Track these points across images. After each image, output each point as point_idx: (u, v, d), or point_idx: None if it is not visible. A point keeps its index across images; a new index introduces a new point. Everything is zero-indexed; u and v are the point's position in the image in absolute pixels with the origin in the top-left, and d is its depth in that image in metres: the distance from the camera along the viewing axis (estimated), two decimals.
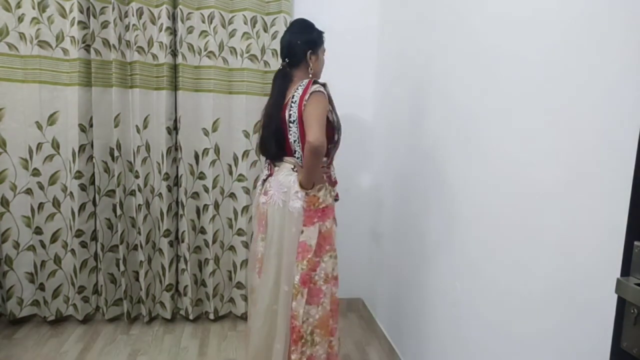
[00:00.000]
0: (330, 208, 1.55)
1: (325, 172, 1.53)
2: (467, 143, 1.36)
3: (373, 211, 2.40)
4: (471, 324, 1.33)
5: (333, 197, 1.57)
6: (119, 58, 2.10)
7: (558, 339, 0.94)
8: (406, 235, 1.91)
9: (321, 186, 1.51)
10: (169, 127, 2.18)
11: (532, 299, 1.03)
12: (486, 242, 1.24)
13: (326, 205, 1.52)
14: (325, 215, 1.52)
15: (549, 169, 0.97)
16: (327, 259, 1.52)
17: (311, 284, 1.50)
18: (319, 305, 1.50)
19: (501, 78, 1.17)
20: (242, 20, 2.19)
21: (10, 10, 2.01)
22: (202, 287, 2.36)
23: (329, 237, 1.53)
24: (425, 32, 1.74)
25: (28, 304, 2.22)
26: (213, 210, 2.28)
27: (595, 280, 0.83)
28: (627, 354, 0.57)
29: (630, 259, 0.58)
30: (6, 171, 2.10)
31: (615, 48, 0.80)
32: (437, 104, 1.60)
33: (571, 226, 0.90)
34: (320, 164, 1.47)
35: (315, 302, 1.50)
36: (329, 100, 1.49)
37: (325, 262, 1.52)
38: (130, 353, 2.03)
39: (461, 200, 1.40)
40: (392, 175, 2.15)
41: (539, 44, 1.02)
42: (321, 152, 1.40)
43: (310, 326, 1.50)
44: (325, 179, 1.53)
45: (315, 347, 1.51)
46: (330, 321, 1.54)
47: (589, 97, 0.86)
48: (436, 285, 1.59)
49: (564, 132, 0.93)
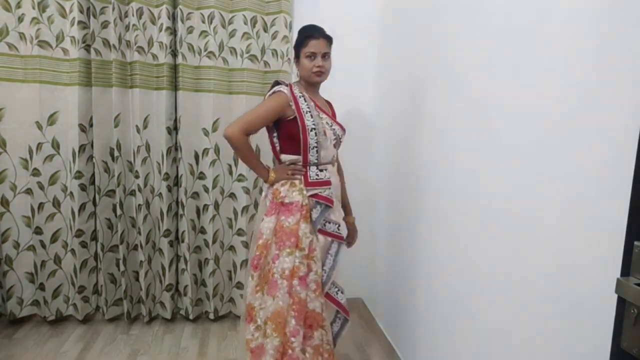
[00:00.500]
0: (295, 205, 1.55)
1: (301, 170, 1.58)
2: (466, 143, 1.36)
3: (373, 211, 2.40)
4: (471, 323, 1.33)
5: (305, 197, 1.56)
6: (119, 58, 2.10)
7: (558, 339, 0.94)
8: (406, 235, 1.91)
9: (285, 182, 1.58)
10: (169, 127, 2.18)
11: (532, 299, 1.03)
12: (486, 242, 1.24)
13: (290, 201, 1.55)
14: (287, 211, 1.55)
15: (549, 169, 0.97)
16: (286, 256, 1.52)
17: (269, 274, 1.55)
18: (274, 297, 1.52)
19: (501, 77, 1.17)
20: (242, 20, 2.19)
21: (10, 10, 2.01)
22: (202, 287, 2.36)
23: (292, 234, 1.53)
24: (425, 32, 1.74)
25: (28, 303, 2.22)
26: (213, 210, 2.28)
27: (595, 280, 0.83)
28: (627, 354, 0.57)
29: (630, 259, 0.58)
30: (6, 171, 2.10)
31: (615, 47, 0.80)
32: (437, 104, 1.60)
33: (571, 226, 0.90)
34: (245, 154, 1.59)
35: (271, 294, 1.53)
36: (296, 101, 1.55)
37: (283, 258, 1.52)
38: (130, 353, 2.03)
39: (461, 201, 1.40)
40: (391, 175, 2.15)
41: (539, 44, 1.02)
42: (232, 143, 1.54)
43: (264, 316, 1.54)
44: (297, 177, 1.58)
45: (266, 339, 1.52)
46: (286, 319, 1.52)
47: (589, 97, 0.86)
48: (436, 285, 1.59)
49: (564, 131, 0.93)
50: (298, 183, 1.57)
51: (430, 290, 1.64)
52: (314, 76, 1.58)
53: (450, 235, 1.47)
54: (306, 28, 1.62)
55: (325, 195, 1.58)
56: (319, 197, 1.57)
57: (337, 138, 1.65)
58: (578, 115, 0.89)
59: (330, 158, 1.63)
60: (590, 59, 0.86)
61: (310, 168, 1.59)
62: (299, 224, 1.54)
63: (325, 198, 1.58)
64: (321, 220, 1.58)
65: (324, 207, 1.58)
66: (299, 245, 1.53)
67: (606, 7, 0.82)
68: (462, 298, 1.39)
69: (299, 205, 1.55)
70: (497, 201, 1.19)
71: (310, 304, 1.55)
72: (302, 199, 1.56)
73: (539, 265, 1.00)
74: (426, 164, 1.70)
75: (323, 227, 1.59)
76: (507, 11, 1.15)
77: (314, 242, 1.57)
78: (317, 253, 1.57)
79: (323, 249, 1.60)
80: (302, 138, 1.55)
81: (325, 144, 1.59)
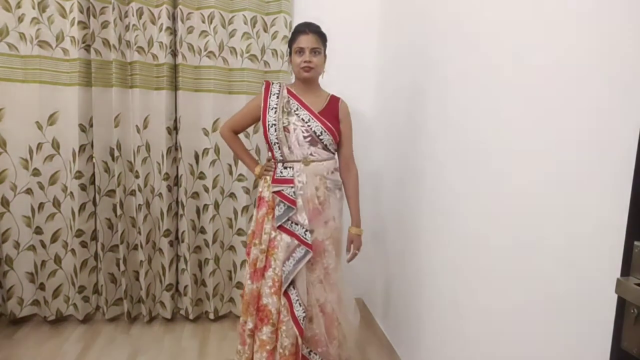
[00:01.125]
0: (263, 200, 1.65)
1: (271, 167, 1.66)
2: (466, 142, 1.36)
3: (372, 211, 2.40)
4: (471, 323, 1.33)
5: (270, 192, 1.62)
6: (119, 58, 2.10)
7: (558, 339, 0.95)
8: (406, 235, 1.91)
9: (263, 177, 1.68)
10: (169, 127, 2.18)
11: (532, 299, 1.03)
12: (486, 242, 1.24)
13: (262, 196, 1.66)
14: (259, 205, 1.67)
15: (549, 169, 0.97)
16: (253, 246, 1.65)
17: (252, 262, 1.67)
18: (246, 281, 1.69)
19: (500, 77, 1.17)
20: (242, 20, 2.19)
21: (10, 10, 2.01)
22: (202, 287, 2.36)
23: (258, 227, 1.64)
24: (425, 32, 1.74)
25: (28, 303, 2.22)
26: (213, 210, 2.28)
27: (595, 280, 0.83)
28: (627, 354, 0.57)
29: (630, 259, 0.58)
30: (6, 171, 2.10)
31: (616, 47, 0.80)
32: (437, 104, 1.60)
33: (571, 226, 0.90)
34: (233, 148, 1.74)
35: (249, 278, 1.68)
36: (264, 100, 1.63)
37: (252, 247, 1.66)
38: (130, 353, 2.03)
39: (461, 201, 1.40)
40: (391, 175, 2.15)
41: (538, 45, 1.02)
42: (222, 138, 1.74)
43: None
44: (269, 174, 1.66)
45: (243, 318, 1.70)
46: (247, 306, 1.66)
47: (589, 97, 0.86)
48: (436, 286, 1.59)
49: (564, 131, 0.93)
50: (269, 179, 1.64)
51: (431, 291, 1.64)
52: (302, 71, 1.58)
53: (450, 235, 1.47)
54: (298, 24, 1.62)
55: (287, 194, 1.56)
56: (280, 195, 1.58)
57: (313, 135, 1.59)
58: (578, 115, 0.89)
59: (299, 156, 1.59)
60: (590, 58, 0.86)
61: (277, 165, 1.63)
62: (263, 219, 1.63)
63: (285, 197, 1.56)
64: (284, 219, 1.57)
65: (287, 207, 1.57)
66: (261, 239, 1.62)
67: (606, 6, 0.82)
68: (462, 298, 1.39)
69: (265, 201, 1.64)
70: (497, 201, 1.19)
71: (264, 299, 1.59)
72: (268, 195, 1.63)
73: (539, 265, 1.00)
74: (426, 164, 1.70)
75: (288, 226, 1.58)
76: (505, 11, 1.15)
77: (277, 239, 1.59)
78: (279, 252, 1.57)
79: (287, 248, 1.57)
80: (264, 134, 1.62)
81: (288, 141, 1.58)
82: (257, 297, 1.61)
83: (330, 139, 1.63)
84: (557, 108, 0.95)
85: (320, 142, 1.61)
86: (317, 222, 1.60)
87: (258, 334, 1.61)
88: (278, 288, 1.58)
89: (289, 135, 1.58)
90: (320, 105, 1.65)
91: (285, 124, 1.58)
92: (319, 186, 1.60)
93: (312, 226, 1.59)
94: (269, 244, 1.60)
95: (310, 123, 1.59)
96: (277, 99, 1.61)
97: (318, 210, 1.60)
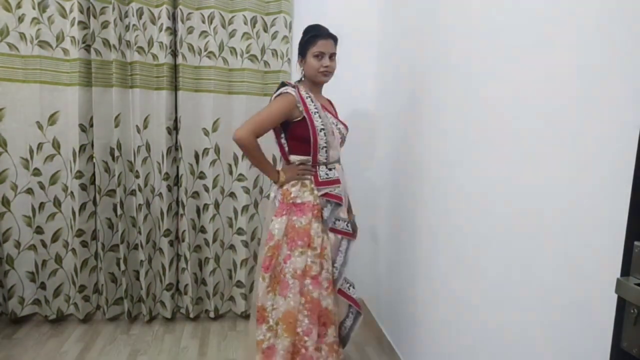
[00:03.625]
0: (307, 205, 1.57)
1: (311, 170, 1.60)
2: (466, 142, 1.36)
3: (373, 211, 2.40)
4: (471, 323, 1.33)
5: (316, 196, 1.58)
6: (119, 58, 2.10)
7: (558, 339, 0.95)
8: (406, 235, 1.91)
9: (295, 182, 1.59)
10: (169, 127, 2.18)
11: (532, 299, 1.03)
12: (486, 242, 1.24)
13: (302, 201, 1.57)
14: (299, 211, 1.57)
15: (549, 169, 0.97)
16: (298, 255, 1.54)
17: (281, 274, 1.56)
18: (285, 297, 1.54)
19: (501, 77, 1.17)
20: (242, 21, 2.19)
21: (10, 10, 2.01)
22: (203, 286, 2.36)
23: (304, 233, 1.55)
24: (425, 30, 1.74)
25: (29, 302, 2.23)
26: (213, 210, 2.28)
27: (595, 280, 0.83)
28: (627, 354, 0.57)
29: (630, 259, 0.58)
30: (7, 171, 2.10)
31: (616, 47, 0.80)
32: (437, 103, 1.60)
33: (571, 226, 0.90)
34: (255, 156, 1.56)
35: (283, 294, 1.55)
36: (304, 102, 1.56)
37: (295, 257, 1.54)
38: (130, 353, 2.03)
39: (461, 201, 1.40)
40: (392, 175, 2.15)
41: (540, 44, 1.02)
42: (242, 145, 1.51)
43: (276, 316, 1.56)
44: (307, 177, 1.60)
45: (277, 339, 1.54)
46: (298, 319, 1.54)
47: (589, 97, 0.86)
48: (436, 286, 1.59)
49: (564, 131, 0.93)
50: (309, 183, 1.59)
51: (431, 291, 1.64)
52: (320, 76, 1.58)
53: (451, 236, 1.47)
54: (313, 27, 1.61)
55: (335, 193, 1.61)
56: (330, 196, 1.59)
57: (343, 137, 1.69)
58: (578, 114, 0.89)
59: (337, 157, 1.66)
60: (590, 58, 0.86)
61: (319, 167, 1.60)
62: (311, 224, 1.55)
63: (336, 197, 1.60)
64: (332, 219, 1.61)
65: (334, 206, 1.61)
66: (311, 245, 1.55)
67: (607, 6, 0.82)
68: (462, 298, 1.39)
69: (311, 205, 1.57)
70: (497, 201, 1.19)
71: (323, 302, 1.57)
72: (313, 198, 1.58)
73: (539, 266, 1.00)
74: (427, 164, 1.70)
75: (334, 225, 1.62)
76: (508, 9, 1.15)
77: (325, 240, 1.59)
78: (328, 251, 1.59)
79: (334, 246, 1.62)
80: (312, 139, 1.56)
81: (333, 143, 1.61)
82: (317, 304, 1.56)
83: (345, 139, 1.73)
84: (557, 108, 0.95)
85: (343, 142, 1.71)
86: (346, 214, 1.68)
87: (324, 340, 1.57)
88: (332, 287, 1.60)
89: (334, 138, 1.61)
90: (331, 108, 1.72)
91: (332, 127, 1.60)
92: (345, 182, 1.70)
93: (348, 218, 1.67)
94: (321, 248, 1.58)
95: (338, 125, 1.66)
96: (313, 103, 1.58)
97: (348, 203, 1.71)
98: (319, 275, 1.56)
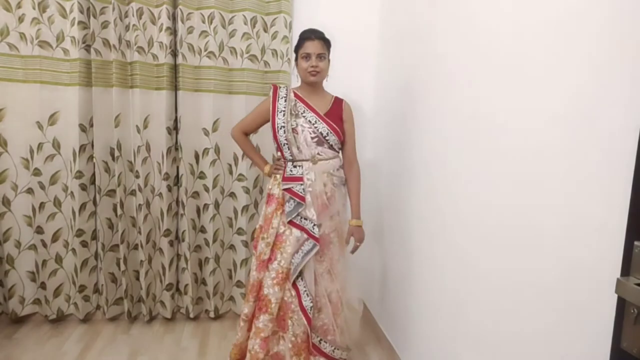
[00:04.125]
0: (273, 197, 1.73)
1: (280, 166, 1.74)
2: (466, 142, 1.36)
3: (372, 211, 2.40)
4: (470, 323, 1.33)
5: (280, 190, 1.70)
6: (119, 58, 2.10)
7: (558, 339, 0.95)
8: (406, 234, 1.91)
9: (274, 176, 1.76)
10: (169, 127, 2.18)
11: (532, 298, 1.03)
12: (486, 242, 1.24)
13: (272, 193, 1.75)
14: (269, 201, 1.75)
15: (549, 169, 0.97)
16: (261, 239, 1.73)
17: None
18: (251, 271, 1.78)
19: (501, 77, 1.17)
20: (242, 21, 2.19)
21: (10, 10, 2.01)
22: (203, 286, 2.36)
23: (268, 222, 1.72)
24: (425, 30, 1.74)
25: (29, 302, 2.23)
26: (213, 210, 2.28)
27: (595, 280, 0.83)
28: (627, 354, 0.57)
29: (630, 259, 0.58)
30: (7, 171, 2.11)
31: (616, 47, 0.80)
32: (437, 103, 1.60)
33: (571, 226, 0.90)
34: (244, 149, 1.86)
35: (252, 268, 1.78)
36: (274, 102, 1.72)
37: (260, 241, 1.74)
38: (130, 353, 2.03)
39: (460, 200, 1.40)
40: (391, 175, 2.15)
41: (540, 44, 1.01)
42: (234, 139, 1.85)
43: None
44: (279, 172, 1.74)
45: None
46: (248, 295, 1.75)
47: (589, 97, 0.86)
48: (436, 286, 1.59)
49: (564, 131, 0.93)
50: (279, 177, 1.73)
51: (430, 291, 1.64)
52: (308, 75, 1.67)
53: (450, 236, 1.47)
54: (304, 31, 1.71)
55: (296, 190, 1.67)
56: (290, 192, 1.68)
57: (320, 136, 1.70)
58: (578, 115, 0.89)
59: (307, 155, 1.69)
60: (589, 58, 0.86)
61: (287, 164, 1.72)
62: (272, 214, 1.71)
63: (295, 193, 1.67)
64: (294, 215, 1.67)
65: (296, 202, 1.67)
66: (268, 232, 1.70)
67: (606, 6, 0.82)
68: (461, 298, 1.39)
69: (274, 198, 1.72)
70: (496, 202, 1.19)
71: (266, 289, 1.67)
72: (278, 192, 1.72)
73: (539, 266, 1.00)
74: (425, 165, 1.70)
75: (298, 221, 1.68)
76: (507, 12, 1.15)
77: (286, 234, 1.68)
78: (287, 245, 1.66)
79: (297, 242, 1.67)
80: (273, 135, 1.71)
81: (296, 141, 1.68)
82: (259, 287, 1.70)
83: (335, 139, 1.73)
84: (557, 108, 0.95)
85: (326, 142, 1.71)
86: (324, 217, 1.70)
87: (255, 321, 1.69)
88: (281, 280, 1.66)
89: (297, 136, 1.68)
90: (326, 107, 1.75)
91: (294, 126, 1.68)
92: (327, 182, 1.71)
93: (319, 220, 1.68)
94: (275, 238, 1.69)
95: (317, 124, 1.70)
96: (285, 102, 1.70)
97: (325, 205, 1.70)
98: (269, 263, 1.68)
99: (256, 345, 1.66)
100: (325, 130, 1.70)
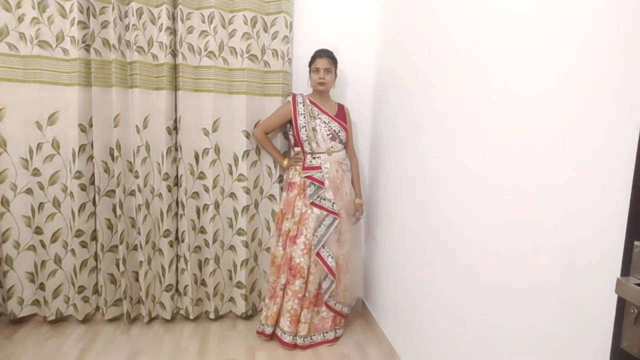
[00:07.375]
0: (295, 184, 2.13)
1: (300, 158, 2.15)
2: (466, 142, 1.36)
3: (372, 210, 2.40)
4: (470, 323, 1.33)
5: (302, 178, 2.11)
6: (119, 58, 2.10)
7: (558, 339, 0.94)
8: (405, 234, 1.91)
9: (292, 167, 2.18)
10: (169, 127, 2.18)
11: (532, 298, 1.03)
12: (485, 242, 1.24)
13: (293, 181, 2.15)
14: (290, 188, 2.15)
15: (549, 169, 0.97)
16: (285, 220, 2.15)
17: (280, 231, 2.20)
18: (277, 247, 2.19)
19: (501, 77, 1.17)
20: (242, 21, 2.19)
21: (10, 10, 2.01)
22: (202, 287, 2.36)
23: (290, 205, 2.13)
24: (425, 30, 1.74)
25: (28, 303, 2.22)
26: (213, 210, 2.28)
27: (595, 280, 0.83)
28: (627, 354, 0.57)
29: (630, 259, 0.58)
30: (6, 171, 2.10)
31: (615, 48, 0.80)
32: (437, 103, 1.60)
33: (571, 226, 0.90)
34: (265, 147, 2.23)
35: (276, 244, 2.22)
36: (294, 107, 2.13)
37: (284, 222, 2.16)
38: (130, 353, 2.02)
39: (460, 200, 1.40)
40: (390, 175, 2.15)
41: (538, 46, 1.01)
42: (256, 139, 2.24)
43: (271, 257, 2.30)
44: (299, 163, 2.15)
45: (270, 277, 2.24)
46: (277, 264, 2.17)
47: (589, 97, 0.86)
48: (436, 285, 1.59)
49: (564, 131, 0.93)
50: (299, 168, 2.14)
51: (430, 290, 1.64)
52: (318, 86, 2.12)
53: (450, 235, 1.47)
54: (316, 50, 2.13)
55: (317, 177, 2.09)
56: (311, 179, 2.10)
57: (333, 133, 2.14)
58: (578, 114, 0.89)
59: (324, 149, 2.13)
60: (589, 58, 0.86)
61: (306, 156, 2.14)
62: (295, 198, 2.12)
63: (316, 179, 2.09)
64: (315, 197, 2.08)
65: (316, 187, 2.09)
66: (293, 214, 2.12)
67: (605, 6, 0.82)
68: (461, 298, 1.39)
69: (296, 184, 2.13)
70: (497, 201, 1.19)
71: (297, 259, 2.08)
72: (299, 179, 2.13)
73: (539, 265, 1.00)
74: (425, 164, 1.69)
75: (318, 202, 2.08)
76: (507, 9, 1.15)
77: (308, 213, 2.08)
78: (310, 222, 2.08)
79: (318, 219, 2.08)
80: (296, 134, 2.13)
81: (315, 138, 2.11)
82: (290, 259, 2.10)
83: (344, 135, 2.19)
84: (558, 108, 0.95)
85: (337, 137, 2.17)
86: (337, 197, 2.13)
87: (290, 287, 2.09)
88: (308, 250, 2.08)
89: (316, 134, 2.12)
90: (334, 111, 2.20)
91: (313, 126, 2.12)
92: (338, 169, 2.16)
93: (335, 200, 2.09)
94: (300, 217, 2.10)
95: (330, 124, 2.15)
96: (303, 107, 2.13)
97: (337, 188, 2.14)
98: (296, 238, 2.09)
99: (295, 304, 2.09)
100: (337, 128, 2.15)
